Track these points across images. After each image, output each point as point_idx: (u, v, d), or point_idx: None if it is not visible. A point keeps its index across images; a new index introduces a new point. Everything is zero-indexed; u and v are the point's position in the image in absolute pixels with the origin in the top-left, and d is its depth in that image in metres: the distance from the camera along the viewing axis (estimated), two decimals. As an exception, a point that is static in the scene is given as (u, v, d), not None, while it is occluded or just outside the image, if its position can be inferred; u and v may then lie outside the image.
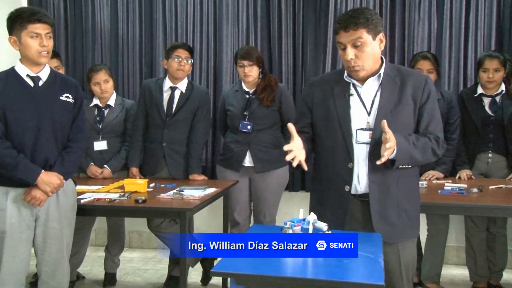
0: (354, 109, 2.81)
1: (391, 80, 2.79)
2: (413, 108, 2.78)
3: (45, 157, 3.28)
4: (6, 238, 3.21)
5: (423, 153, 2.72)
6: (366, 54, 2.70)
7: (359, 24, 2.65)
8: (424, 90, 2.79)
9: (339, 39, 2.71)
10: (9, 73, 3.30)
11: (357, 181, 2.78)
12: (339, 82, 2.86)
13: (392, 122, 2.63)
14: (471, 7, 4.99)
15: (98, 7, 5.70)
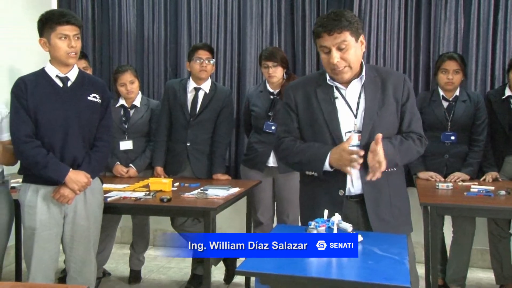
0: (341, 112, 2.82)
1: (372, 81, 2.82)
2: (396, 107, 2.83)
3: (73, 156, 3.31)
4: (36, 234, 3.26)
5: (406, 156, 2.83)
6: (351, 56, 2.71)
7: (342, 27, 2.65)
8: (404, 89, 2.85)
9: (322, 42, 2.70)
10: (39, 74, 3.34)
11: (351, 184, 2.81)
12: (321, 85, 2.86)
13: (378, 123, 2.75)
14: (499, 6, 4.90)
15: (125, 9, 5.74)
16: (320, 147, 2.75)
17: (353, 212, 2.81)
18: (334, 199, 2.78)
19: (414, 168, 4.34)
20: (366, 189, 2.78)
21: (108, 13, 5.77)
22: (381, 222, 2.80)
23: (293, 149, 2.82)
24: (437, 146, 4.29)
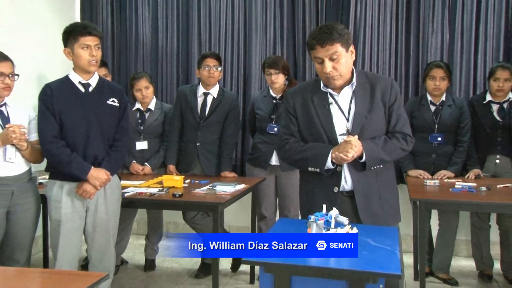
0: (335, 117, 2.84)
1: (362, 87, 2.84)
2: (384, 110, 2.84)
3: (94, 155, 3.32)
4: (62, 226, 3.28)
5: (391, 154, 2.81)
6: (342, 65, 2.73)
7: (334, 40, 2.67)
8: (392, 93, 2.85)
9: (316, 54, 2.72)
10: (63, 81, 3.36)
11: (345, 182, 2.83)
12: (316, 92, 2.87)
13: (367, 125, 2.78)
14: (480, 20, 4.93)
15: (141, 22, 5.75)
16: (322, 147, 2.77)
17: (346, 207, 2.81)
18: (329, 195, 2.80)
19: (404, 166, 4.35)
20: (356, 186, 2.81)
21: (126, 25, 5.78)
22: (371, 216, 2.82)
23: (297, 149, 2.84)
24: (425, 146, 4.29)
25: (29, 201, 3.38)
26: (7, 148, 3.24)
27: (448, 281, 4.42)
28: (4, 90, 3.26)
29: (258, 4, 5.44)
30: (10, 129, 3.18)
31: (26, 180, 3.38)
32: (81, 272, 2.41)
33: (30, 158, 3.36)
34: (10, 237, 3.32)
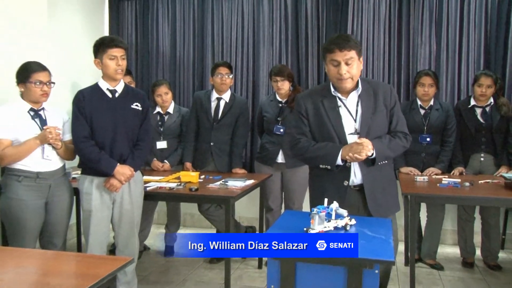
0: (343, 118, 2.86)
1: (366, 92, 2.87)
2: (385, 112, 2.89)
3: (120, 153, 3.35)
4: (92, 216, 3.32)
5: (395, 151, 2.89)
6: (354, 70, 2.78)
7: (351, 46, 2.73)
8: (391, 97, 2.92)
9: (333, 57, 2.75)
10: (93, 88, 3.39)
11: (354, 176, 2.86)
12: (326, 96, 2.89)
13: (372, 125, 2.83)
14: (463, 34, 4.97)
15: (161, 35, 5.77)
16: (333, 146, 2.80)
17: (354, 199, 2.86)
18: (340, 188, 2.83)
19: (397, 164, 4.33)
20: (365, 180, 2.85)
21: (148, 39, 5.79)
22: (377, 206, 2.86)
23: (310, 147, 2.85)
24: (416, 146, 4.26)
25: (64, 193, 3.40)
26: (45, 147, 3.25)
27: (435, 266, 4.45)
28: (43, 96, 3.28)
29: (265, 19, 5.45)
30: (47, 130, 3.20)
31: (61, 175, 3.39)
32: (110, 257, 2.43)
33: (64, 156, 3.38)
34: (48, 225, 3.35)
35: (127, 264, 2.06)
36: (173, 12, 5.72)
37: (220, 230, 4.53)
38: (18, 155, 3.19)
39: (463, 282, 4.14)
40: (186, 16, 5.69)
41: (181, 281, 4.12)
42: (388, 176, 3.01)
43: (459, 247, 4.58)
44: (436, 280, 4.18)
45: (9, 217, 3.25)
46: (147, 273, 4.29)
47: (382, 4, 5.16)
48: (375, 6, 5.18)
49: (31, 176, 3.23)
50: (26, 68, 3.27)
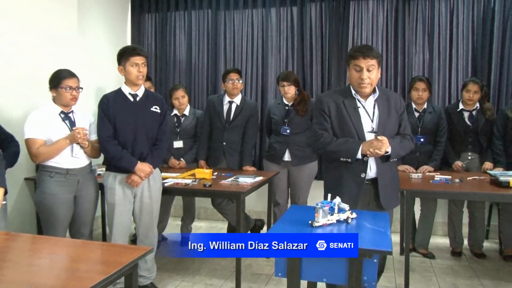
0: (362, 118, 2.92)
1: (381, 97, 2.95)
2: (396, 116, 2.98)
3: (140, 152, 3.37)
4: (115, 208, 3.36)
5: (404, 150, 2.97)
6: (373, 76, 2.86)
7: (374, 55, 2.82)
8: (401, 105, 3.04)
9: (357, 63, 2.83)
10: (117, 92, 3.42)
11: (369, 170, 2.90)
12: (346, 97, 2.95)
13: (386, 126, 2.92)
14: (453, 44, 5.03)
15: (178, 44, 5.81)
16: (354, 141, 2.86)
17: (367, 190, 2.93)
18: (357, 179, 2.89)
19: None
20: (379, 174, 2.93)
21: (166, 47, 5.83)
22: (386, 198, 2.94)
23: (332, 142, 2.90)
24: (411, 146, 4.29)
25: (90, 188, 3.43)
26: (73, 146, 3.28)
27: (427, 255, 4.48)
28: (72, 100, 3.30)
29: (273, 29, 5.48)
30: (76, 131, 3.23)
31: (87, 171, 3.42)
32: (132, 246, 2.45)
33: (91, 154, 3.40)
34: (77, 216, 3.38)
35: (148, 253, 2.08)
36: (189, 23, 5.75)
37: (231, 222, 4.55)
38: (50, 154, 3.22)
39: (452, 269, 4.17)
40: (201, 27, 5.72)
41: (196, 269, 4.14)
42: (395, 173, 3.09)
43: (449, 238, 4.63)
44: (428, 268, 4.20)
45: (43, 209, 3.28)
46: (165, 261, 4.31)
47: (380, 16, 5.20)
48: (373, 17, 5.22)
49: (61, 172, 3.26)
50: (58, 75, 3.30)
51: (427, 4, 5.10)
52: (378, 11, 5.20)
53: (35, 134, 3.22)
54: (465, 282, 3.87)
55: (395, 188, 3.10)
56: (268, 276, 3.96)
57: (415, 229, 4.63)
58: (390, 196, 2.99)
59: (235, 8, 5.60)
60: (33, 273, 1.80)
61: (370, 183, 2.93)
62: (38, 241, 2.41)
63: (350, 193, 2.86)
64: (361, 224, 2.41)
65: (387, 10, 5.18)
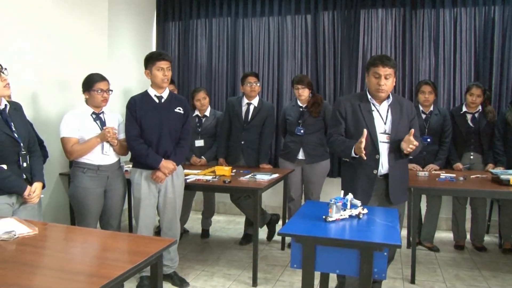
0: (376, 120, 2.98)
1: (394, 103, 3.02)
2: (407, 121, 3.05)
3: (164, 150, 3.38)
4: (141, 202, 3.37)
5: (418, 150, 2.99)
6: (390, 84, 2.93)
7: (392, 65, 2.90)
8: (412, 111, 3.11)
9: (377, 70, 2.91)
10: (144, 94, 3.43)
11: (381, 167, 2.97)
12: (362, 101, 3.02)
13: (399, 128, 2.98)
14: (457, 50, 5.02)
15: (199, 49, 5.84)
16: (349, 142, 2.92)
17: (380, 186, 2.99)
18: (369, 176, 2.98)
19: None
20: (391, 171, 2.99)
21: (188, 52, 5.85)
22: (396, 193, 3.00)
23: (336, 143, 3.00)
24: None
25: (119, 183, 3.44)
26: (104, 144, 3.30)
27: (432, 248, 4.47)
28: (103, 102, 3.33)
29: (288, 35, 5.47)
30: (106, 130, 3.25)
31: (116, 168, 3.43)
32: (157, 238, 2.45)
33: (119, 152, 3.42)
34: (106, 209, 3.40)
35: (172, 245, 2.07)
36: (209, 30, 5.77)
37: (248, 216, 4.55)
38: (83, 151, 3.25)
39: (454, 261, 4.15)
40: (221, 34, 5.73)
41: (215, 260, 4.15)
42: (405, 170, 3.14)
43: (452, 232, 4.63)
44: (433, 260, 4.17)
45: (76, 202, 3.31)
46: (186, 252, 4.33)
47: (388, 23, 5.18)
48: (382, 25, 5.21)
49: (93, 168, 3.29)
50: (90, 78, 3.33)
51: (433, 13, 5.07)
52: (387, 19, 5.18)
53: (70, 133, 3.25)
54: (467, 273, 3.85)
55: (405, 185, 3.14)
56: (283, 267, 3.95)
57: (421, 224, 4.62)
58: (399, 192, 3.03)
59: (253, 16, 5.60)
60: (67, 260, 1.82)
61: (383, 178, 3.00)
62: (71, 231, 2.43)
63: (363, 188, 2.96)
64: (372, 219, 2.39)
65: (395, 18, 5.16)
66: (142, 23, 5.69)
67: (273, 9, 5.52)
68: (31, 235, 2.11)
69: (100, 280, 1.59)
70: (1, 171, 2.50)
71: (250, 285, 3.55)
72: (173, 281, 3.53)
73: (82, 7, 4.50)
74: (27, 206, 2.66)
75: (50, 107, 4.11)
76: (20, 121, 2.67)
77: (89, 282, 1.59)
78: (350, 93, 5.14)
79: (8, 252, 1.90)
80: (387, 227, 2.26)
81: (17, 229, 2.13)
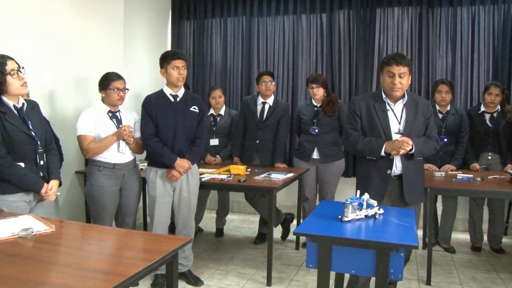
0: (390, 120, 2.97)
1: (409, 103, 2.99)
2: (423, 120, 3.02)
3: (179, 149, 3.39)
4: (156, 201, 3.38)
5: (429, 150, 3.01)
6: (405, 82, 2.91)
7: (406, 63, 2.88)
8: (429, 110, 3.07)
9: (390, 69, 2.89)
10: (159, 93, 3.44)
11: (395, 167, 2.96)
12: (377, 101, 3.01)
13: (413, 128, 2.96)
14: (475, 49, 4.95)
15: (214, 48, 5.84)
16: (378, 141, 2.93)
17: (394, 186, 2.98)
18: (383, 176, 2.97)
19: None
20: (404, 170, 2.97)
21: (203, 51, 5.86)
22: (411, 193, 2.98)
23: (359, 141, 2.99)
24: (435, 146, 4.23)
25: (134, 181, 3.46)
26: (120, 143, 3.33)
27: (448, 249, 4.42)
28: (119, 100, 3.35)
29: (303, 34, 5.45)
30: (122, 128, 3.28)
31: (132, 166, 3.46)
32: (172, 236, 2.46)
33: (135, 150, 3.44)
34: (122, 207, 3.43)
35: (187, 243, 2.08)
36: (224, 29, 5.77)
37: (263, 215, 4.54)
38: (99, 149, 3.27)
39: (471, 263, 4.09)
40: (236, 33, 5.73)
41: (229, 258, 4.15)
42: (420, 170, 3.12)
43: (469, 234, 4.57)
44: (449, 262, 4.13)
45: (92, 200, 3.34)
46: (201, 250, 4.34)
47: (404, 22, 5.12)
48: (398, 23, 5.15)
49: (109, 166, 3.31)
50: (106, 77, 3.35)
51: (450, 12, 5.01)
52: (403, 17, 5.12)
53: (86, 131, 3.28)
54: (484, 275, 3.79)
55: (421, 185, 3.10)
56: (297, 267, 3.94)
57: (437, 225, 4.58)
58: (415, 192, 3.01)
59: (268, 15, 5.59)
60: (83, 258, 1.83)
61: (397, 178, 2.98)
62: (87, 229, 2.45)
63: (377, 188, 2.94)
64: (388, 219, 2.37)
65: (411, 16, 5.10)
66: (157, 23, 5.72)
67: (288, 8, 5.50)
68: (48, 232, 2.13)
69: (116, 278, 1.59)
70: (19, 169, 2.53)
71: (264, 284, 3.55)
72: (187, 280, 3.53)
73: (99, 8, 4.54)
74: (44, 203, 2.68)
75: (66, 105, 4.15)
76: (37, 120, 2.70)
77: (105, 279, 1.59)
78: (366, 92, 5.10)
79: (25, 249, 1.92)
80: (404, 227, 2.23)
81: (34, 226, 2.15)
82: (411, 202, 2.97)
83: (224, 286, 3.53)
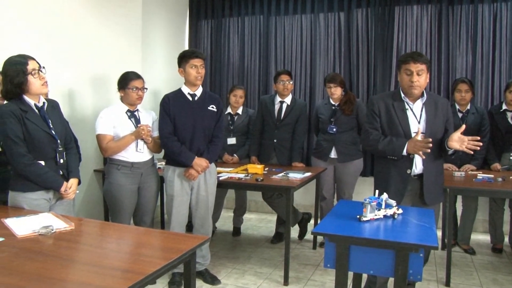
0: (410, 119, 2.93)
1: (428, 102, 2.95)
2: (442, 119, 2.97)
3: (197, 148, 3.39)
4: (174, 199, 3.38)
5: None
6: (422, 80, 2.87)
7: (424, 61, 2.84)
8: (449, 110, 3.05)
9: (408, 67, 2.86)
10: (177, 92, 3.45)
11: (415, 167, 2.93)
12: (396, 100, 2.97)
13: (433, 127, 2.92)
14: (496, 47, 4.86)
15: (232, 47, 5.83)
16: (400, 140, 2.88)
17: (414, 186, 2.96)
18: (403, 175, 2.94)
19: None
20: (425, 171, 2.95)
21: (221, 51, 5.86)
22: (430, 193, 2.95)
23: (380, 141, 2.94)
24: (454, 145, 4.16)
25: (152, 180, 3.48)
26: (138, 142, 3.35)
27: (468, 250, 4.35)
28: (138, 100, 3.37)
29: (321, 33, 5.41)
30: (140, 127, 3.30)
31: (150, 165, 3.47)
32: (190, 235, 2.46)
33: (153, 149, 3.46)
34: (140, 206, 3.45)
35: (205, 242, 2.08)
36: (242, 28, 5.77)
37: (280, 215, 4.53)
38: (118, 148, 3.30)
39: (492, 265, 4.02)
40: (253, 32, 5.72)
41: (246, 257, 4.15)
42: (440, 170, 3.08)
43: (490, 235, 4.49)
44: (469, 263, 4.06)
45: (110, 198, 3.37)
46: (218, 249, 4.34)
47: (424, 20, 5.05)
48: (417, 22, 5.09)
49: (127, 165, 3.34)
50: (125, 76, 3.38)
51: (471, 9, 4.92)
52: (422, 15, 5.05)
53: (105, 130, 3.31)
54: (506, 277, 3.71)
55: (440, 185, 3.06)
56: (314, 266, 3.92)
57: (457, 225, 4.52)
58: (434, 192, 2.97)
59: (286, 14, 5.57)
60: (102, 256, 1.85)
61: (417, 178, 2.95)
62: (106, 227, 2.47)
63: (396, 188, 2.91)
64: (407, 219, 2.34)
65: (431, 14, 5.03)
66: (175, 22, 5.74)
67: (306, 7, 5.47)
68: (67, 230, 2.15)
69: (135, 276, 1.60)
70: (39, 167, 2.56)
71: (282, 284, 3.53)
72: (204, 278, 3.54)
73: (117, 9, 4.58)
74: (63, 201, 2.71)
75: (86, 105, 4.20)
76: (58, 119, 2.73)
77: (124, 277, 1.60)
78: (384, 91, 5.04)
79: (46, 246, 1.94)
80: (423, 228, 2.20)
81: (54, 224, 2.18)
82: (431, 203, 2.93)
83: (241, 285, 3.52)
